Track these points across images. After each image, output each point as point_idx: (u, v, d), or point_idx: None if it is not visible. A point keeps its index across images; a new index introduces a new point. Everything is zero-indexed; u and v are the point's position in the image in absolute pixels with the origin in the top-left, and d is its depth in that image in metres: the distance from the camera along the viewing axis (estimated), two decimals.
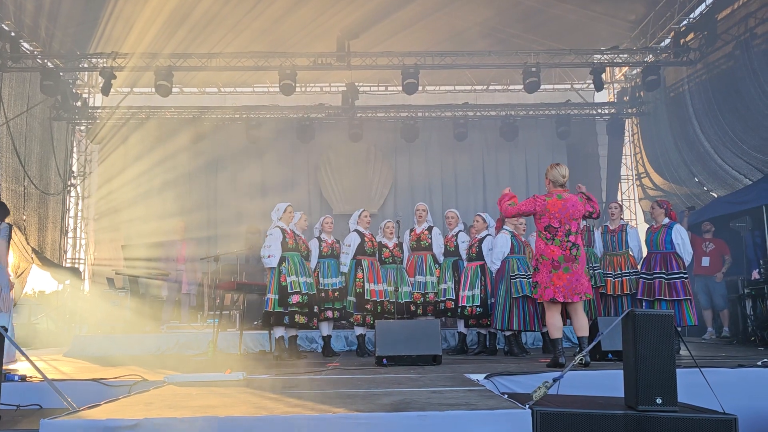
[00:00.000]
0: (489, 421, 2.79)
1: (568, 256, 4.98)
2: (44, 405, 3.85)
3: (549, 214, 5.03)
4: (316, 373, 4.86)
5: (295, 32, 10.91)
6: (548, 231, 5.04)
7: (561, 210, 5.03)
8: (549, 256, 5.01)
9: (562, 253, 4.98)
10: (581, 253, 5.07)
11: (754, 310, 8.23)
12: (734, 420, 2.96)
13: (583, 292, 5.06)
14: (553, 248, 5.01)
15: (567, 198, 5.09)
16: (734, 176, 9.94)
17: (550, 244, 5.02)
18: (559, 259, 4.98)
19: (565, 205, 5.04)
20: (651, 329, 3.07)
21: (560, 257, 4.98)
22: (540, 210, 5.07)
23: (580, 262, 5.04)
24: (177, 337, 8.25)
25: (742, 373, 4.24)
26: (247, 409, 2.99)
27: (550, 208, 5.03)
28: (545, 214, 5.04)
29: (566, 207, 5.04)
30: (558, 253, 4.99)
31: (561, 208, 5.03)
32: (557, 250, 4.99)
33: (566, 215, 5.02)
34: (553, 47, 11.29)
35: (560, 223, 5.02)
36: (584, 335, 5.05)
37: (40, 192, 11.11)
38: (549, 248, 5.02)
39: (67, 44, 11.18)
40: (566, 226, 5.02)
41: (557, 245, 5.00)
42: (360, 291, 6.84)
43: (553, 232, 5.02)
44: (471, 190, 12.87)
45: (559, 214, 5.02)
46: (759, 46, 8.76)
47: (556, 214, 5.02)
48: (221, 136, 12.74)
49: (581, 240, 5.15)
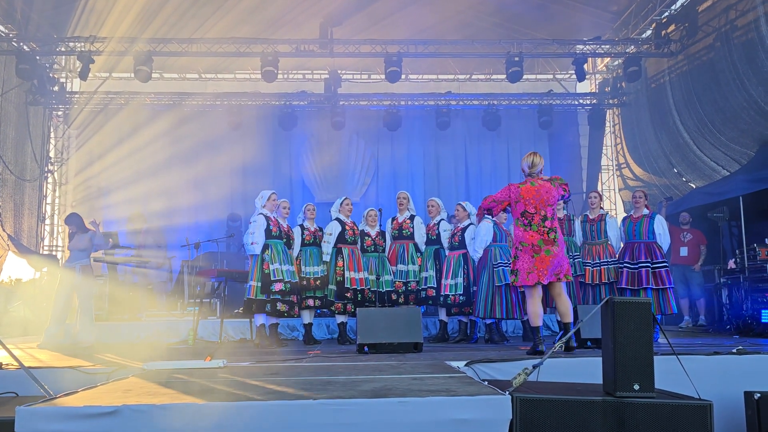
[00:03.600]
0: (469, 407, 2.81)
1: (547, 239, 5.08)
2: (20, 393, 3.79)
3: (524, 200, 5.14)
4: (297, 360, 4.85)
5: (278, 18, 10.79)
6: (524, 217, 5.14)
7: (535, 196, 5.13)
8: (528, 241, 5.10)
9: (541, 238, 5.08)
10: (559, 236, 5.17)
11: (729, 299, 8.37)
12: (709, 406, 3.01)
13: (565, 273, 5.14)
14: (531, 234, 5.10)
15: (540, 185, 5.19)
16: (712, 167, 10.07)
17: (528, 230, 5.11)
18: (538, 243, 5.07)
19: (539, 192, 5.14)
20: (629, 317, 3.10)
21: (539, 241, 5.07)
22: (515, 197, 5.19)
23: (559, 244, 5.13)
24: (156, 325, 8.19)
25: (718, 360, 4.31)
26: (227, 396, 2.97)
27: (524, 194, 5.15)
28: (520, 201, 5.16)
29: (540, 193, 5.14)
30: (537, 238, 5.08)
31: (535, 194, 5.14)
32: (535, 235, 5.09)
33: (540, 201, 5.13)
34: (536, 37, 11.32)
35: (535, 209, 5.12)
36: (568, 321, 5.13)
37: (15, 178, 10.91)
38: (527, 234, 5.11)
39: (43, 27, 10.94)
40: (541, 212, 5.12)
41: (534, 230, 5.09)
42: (340, 279, 6.83)
43: (529, 218, 5.12)
44: (453, 178, 12.89)
45: (533, 200, 5.12)
46: (739, 38, 8.85)
47: (531, 201, 5.12)
48: (202, 123, 12.59)
49: (558, 225, 5.23)
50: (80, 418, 2.68)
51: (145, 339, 7.99)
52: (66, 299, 7.02)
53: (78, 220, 7.34)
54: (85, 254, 7.13)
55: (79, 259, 7.08)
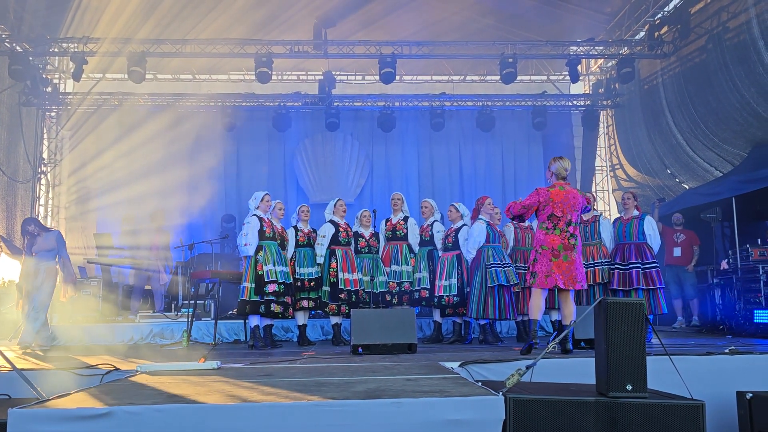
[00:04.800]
0: (463, 408, 2.81)
1: (567, 245, 5.16)
2: (13, 395, 3.77)
3: (552, 203, 5.21)
4: (291, 361, 4.85)
5: (272, 19, 10.77)
6: (551, 220, 5.20)
7: (564, 200, 5.21)
8: (549, 245, 5.18)
9: (561, 242, 5.16)
10: (578, 243, 5.25)
11: (722, 300, 8.42)
12: (701, 406, 3.03)
13: (582, 281, 5.22)
14: (553, 237, 5.17)
15: (569, 190, 5.29)
16: (705, 168, 10.12)
17: (551, 234, 5.19)
18: (558, 247, 5.15)
19: (567, 196, 5.23)
20: (622, 317, 3.12)
21: (560, 246, 5.15)
22: (544, 200, 5.24)
23: (577, 251, 5.22)
24: (150, 326, 8.16)
25: (710, 360, 4.33)
26: (221, 397, 2.97)
27: (554, 197, 5.22)
28: (549, 204, 5.22)
29: (568, 198, 5.23)
30: (557, 242, 5.16)
31: (564, 198, 5.22)
32: (557, 239, 5.16)
33: (568, 205, 5.21)
34: (530, 38, 11.35)
35: (562, 212, 5.20)
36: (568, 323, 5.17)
37: (8, 179, 10.86)
38: (549, 238, 5.19)
39: (36, 28, 10.89)
40: (568, 216, 5.20)
41: (557, 234, 5.17)
42: (334, 281, 6.84)
43: (555, 221, 5.19)
44: (447, 179, 12.90)
45: (561, 204, 5.21)
46: (731, 39, 8.90)
47: (559, 204, 5.20)
48: (196, 124, 12.54)
49: (579, 232, 5.30)
50: (73, 420, 2.67)
51: (139, 341, 7.97)
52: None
53: (37, 221, 7.15)
54: (51, 255, 6.87)
55: (46, 260, 6.79)
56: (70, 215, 12.37)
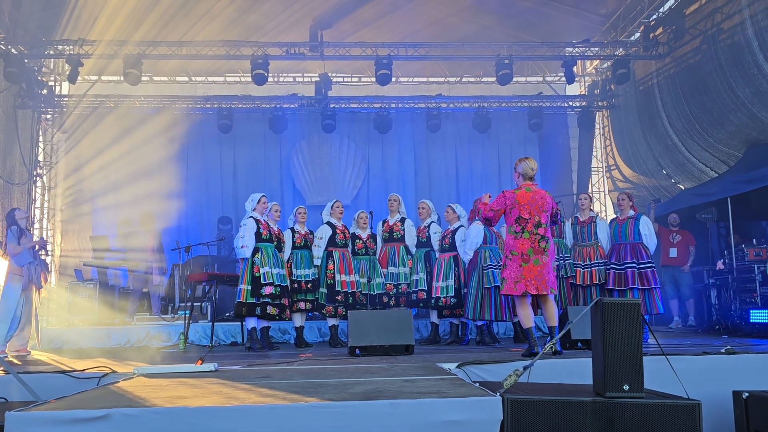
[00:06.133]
0: (460, 409, 2.82)
1: (537, 248, 5.02)
2: (10, 398, 3.76)
3: (519, 205, 5.07)
4: (289, 363, 4.85)
5: (267, 21, 10.79)
6: (518, 223, 5.06)
7: (530, 201, 5.08)
8: (518, 250, 5.04)
9: (531, 246, 5.02)
10: (550, 245, 5.11)
11: (718, 300, 8.45)
12: (698, 405, 3.04)
13: (550, 287, 5.08)
14: (522, 241, 5.04)
15: (536, 191, 5.15)
16: (701, 169, 10.15)
17: (519, 238, 5.05)
18: (528, 252, 5.02)
19: (534, 197, 5.09)
20: (619, 318, 3.12)
21: (529, 250, 5.02)
22: (510, 203, 5.11)
23: (549, 254, 5.08)
24: (147, 329, 8.15)
25: (706, 360, 4.34)
26: (218, 399, 2.97)
27: (520, 199, 5.09)
28: (515, 207, 5.09)
29: (535, 199, 5.09)
30: (527, 246, 5.02)
31: (530, 199, 5.08)
32: (526, 243, 5.03)
33: (535, 207, 5.07)
34: (525, 40, 11.37)
35: (530, 214, 5.05)
36: (554, 325, 5.12)
37: (3, 182, 10.83)
38: (518, 242, 5.05)
39: (32, 30, 10.86)
40: (536, 217, 5.05)
41: (526, 238, 5.03)
42: (331, 282, 6.84)
43: (522, 224, 5.05)
44: (444, 181, 12.91)
45: (528, 205, 5.06)
46: (725, 40, 8.93)
47: (525, 206, 5.06)
48: (192, 126, 12.53)
49: (550, 233, 5.18)
50: (71, 423, 2.66)
51: (135, 343, 7.96)
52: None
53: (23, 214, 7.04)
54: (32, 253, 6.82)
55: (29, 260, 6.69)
56: (66, 218, 12.34)
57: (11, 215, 6.91)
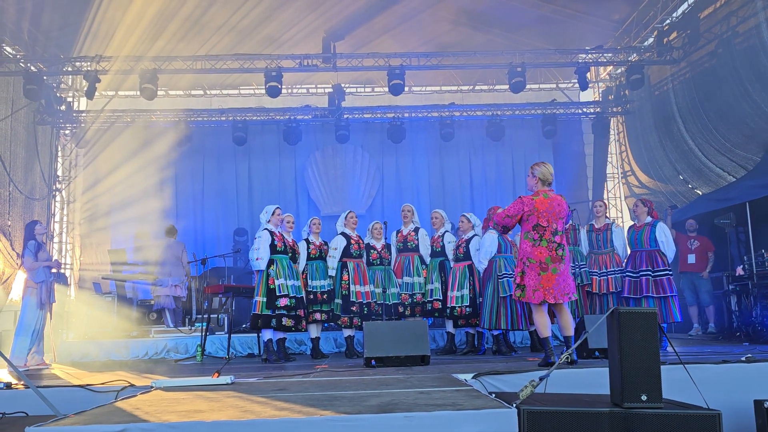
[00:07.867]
0: (475, 421, 2.80)
1: (555, 256, 4.93)
2: (30, 413, 3.80)
3: (537, 212, 4.95)
4: (305, 375, 4.85)
5: (281, 34, 10.90)
6: (536, 230, 4.95)
7: (548, 209, 4.96)
8: (536, 258, 4.94)
9: (549, 255, 4.92)
10: (566, 253, 5.03)
11: (738, 306, 8.32)
12: (718, 415, 2.99)
13: (572, 293, 5.05)
14: (540, 250, 4.93)
15: (553, 197, 5.03)
16: (718, 173, 10.04)
17: (537, 246, 4.94)
18: (546, 260, 4.93)
19: (552, 204, 4.98)
20: (635, 327, 3.09)
21: (547, 258, 4.92)
22: (528, 209, 4.98)
23: (565, 262, 5.01)
24: (165, 341, 8.21)
25: (727, 368, 4.27)
26: (234, 413, 2.98)
27: (538, 206, 4.95)
28: (533, 213, 4.96)
29: (552, 206, 4.98)
30: (545, 255, 4.93)
31: (548, 206, 4.97)
32: (544, 251, 4.93)
33: (553, 214, 4.97)
34: (538, 47, 11.36)
35: (548, 222, 4.95)
36: (570, 334, 5.05)
37: (24, 197, 11.01)
38: (536, 250, 4.94)
39: (50, 48, 11.09)
40: (553, 225, 4.96)
41: (544, 246, 4.93)
42: (346, 293, 6.85)
43: (540, 232, 4.94)
44: (458, 190, 12.91)
45: (547, 213, 4.95)
46: (740, 44, 8.86)
47: (543, 213, 4.94)
48: (207, 139, 12.70)
49: (566, 240, 5.12)
50: None
51: (153, 356, 8.02)
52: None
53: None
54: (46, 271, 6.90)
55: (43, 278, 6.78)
56: (84, 232, 12.51)
57: (30, 228, 7.03)
